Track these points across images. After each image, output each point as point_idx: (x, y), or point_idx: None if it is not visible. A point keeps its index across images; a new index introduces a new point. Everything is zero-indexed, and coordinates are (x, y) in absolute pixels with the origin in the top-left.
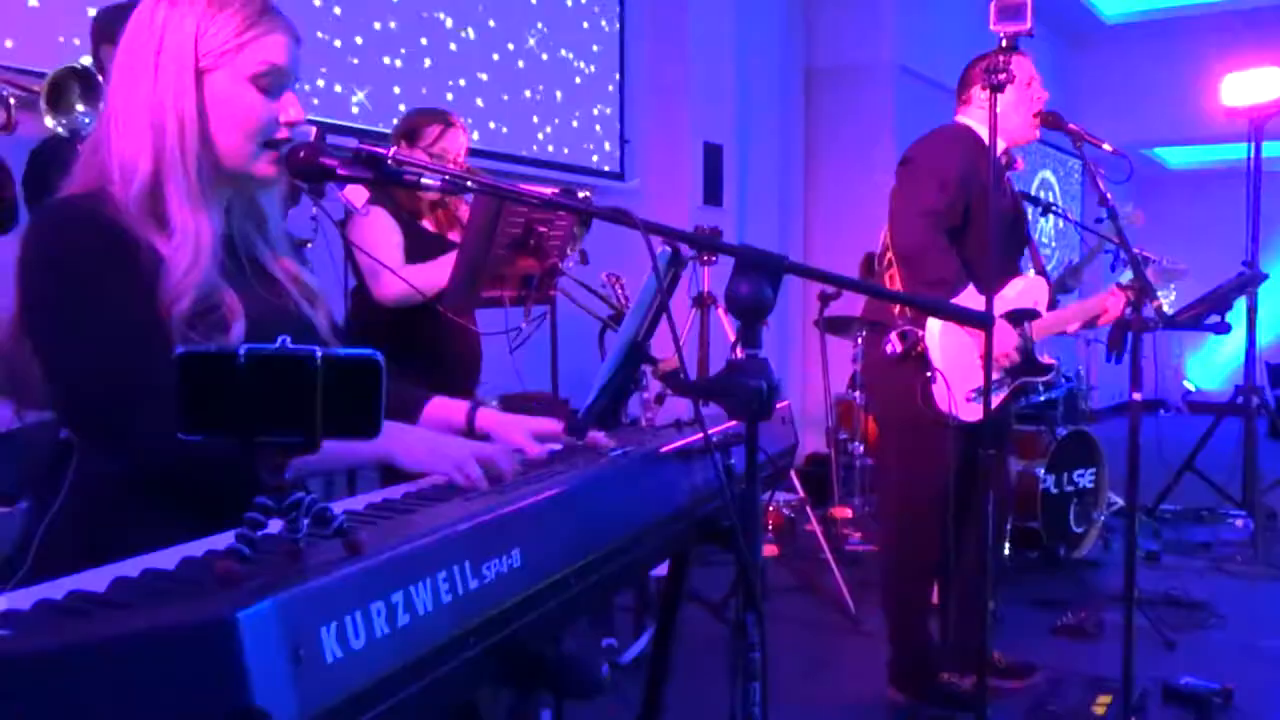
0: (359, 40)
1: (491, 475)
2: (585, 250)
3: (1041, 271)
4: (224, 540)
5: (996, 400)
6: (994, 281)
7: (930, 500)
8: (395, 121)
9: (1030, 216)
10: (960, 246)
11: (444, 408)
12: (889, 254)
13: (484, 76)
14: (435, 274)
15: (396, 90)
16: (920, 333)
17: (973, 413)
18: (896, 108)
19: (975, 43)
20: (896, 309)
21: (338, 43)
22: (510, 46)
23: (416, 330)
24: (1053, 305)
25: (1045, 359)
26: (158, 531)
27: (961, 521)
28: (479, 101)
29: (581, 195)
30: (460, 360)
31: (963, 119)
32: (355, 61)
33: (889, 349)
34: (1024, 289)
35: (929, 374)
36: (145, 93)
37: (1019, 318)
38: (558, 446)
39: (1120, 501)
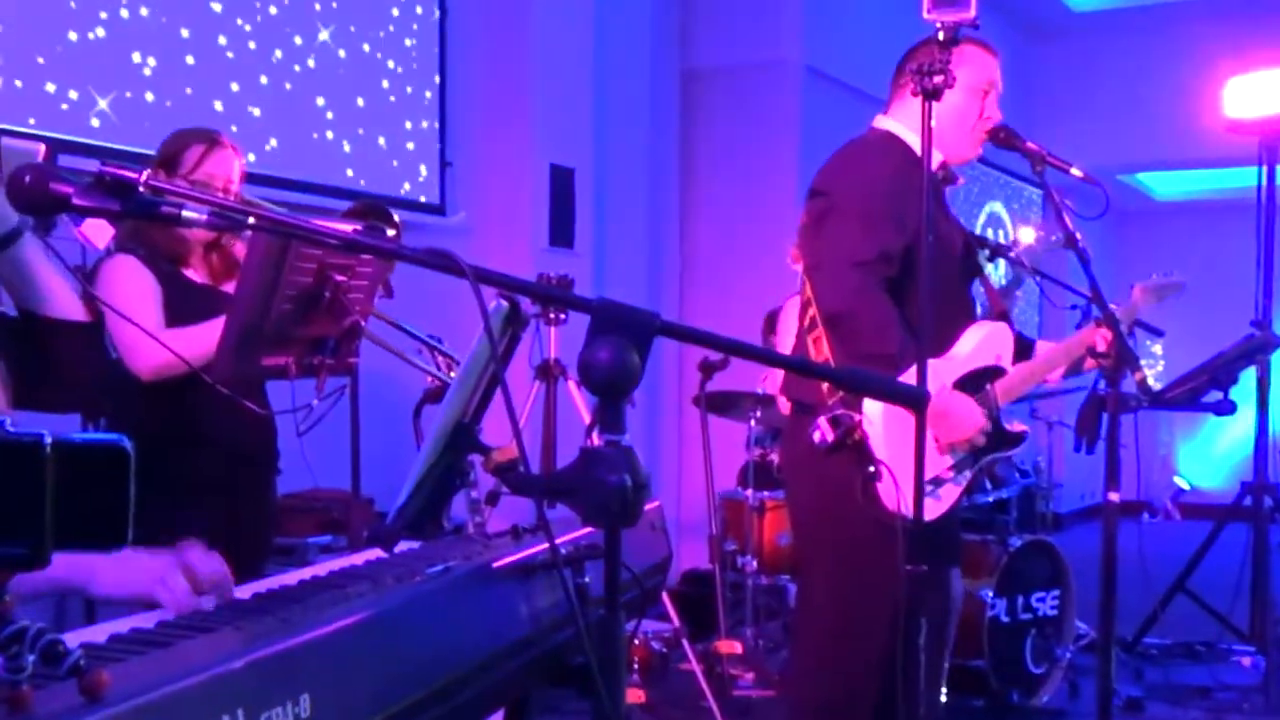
0: (99, 33)
1: (197, 587)
2: (390, 280)
3: (1003, 315)
4: None
5: (954, 494)
6: (934, 339)
7: (872, 633)
8: (150, 137)
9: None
10: (904, 301)
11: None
12: (812, 310)
13: (263, 80)
14: (208, 338)
15: (149, 97)
16: (857, 417)
17: (931, 509)
18: (804, 118)
19: (903, 39)
20: (826, 384)
21: (72, 35)
22: (298, 41)
23: (186, 409)
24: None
25: (1015, 426)
26: None
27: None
28: (255, 112)
29: (390, 234)
30: (244, 448)
31: (888, 124)
32: (95, 60)
33: (817, 437)
34: (982, 341)
35: (871, 469)
36: None
37: (981, 379)
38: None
39: (1092, 633)
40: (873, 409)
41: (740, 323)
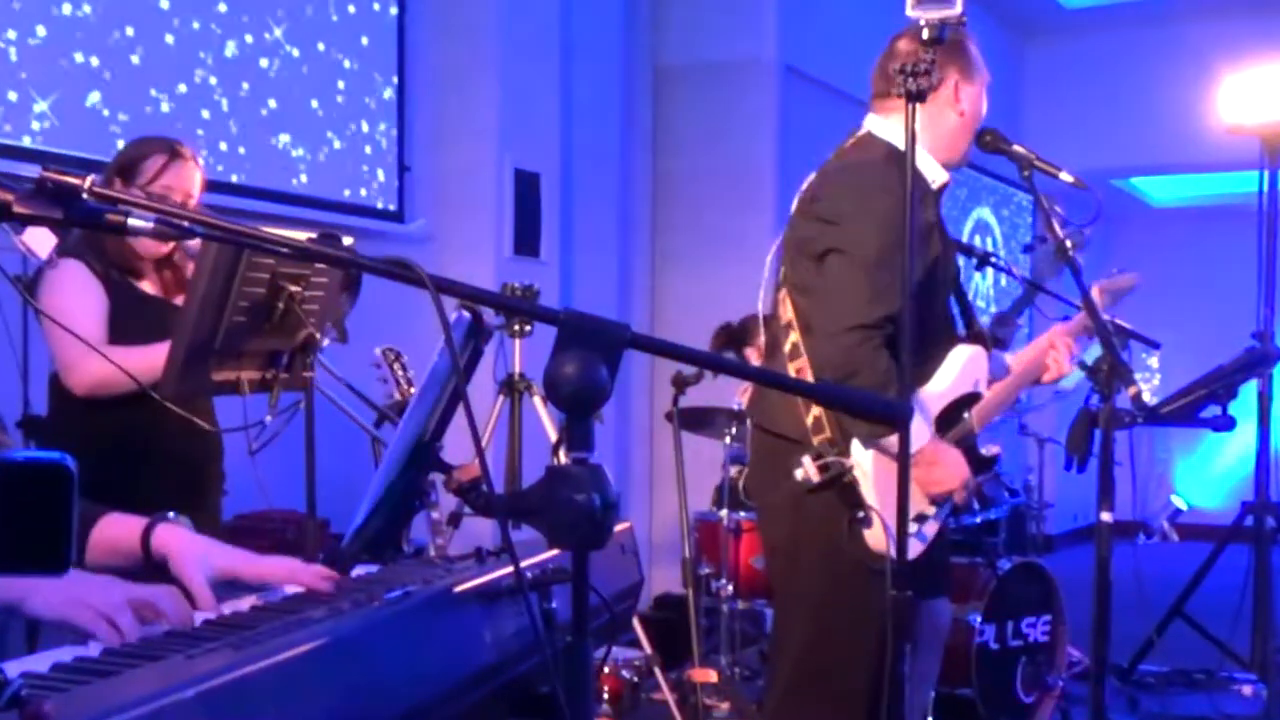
0: (40, 30)
1: (151, 623)
2: (344, 324)
3: (979, 336)
4: None
5: (934, 528)
6: (920, 360)
7: (853, 667)
8: (95, 141)
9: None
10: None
11: (116, 527)
12: (794, 337)
13: (213, 80)
14: (153, 360)
15: (94, 98)
16: (847, 462)
17: (914, 548)
18: (782, 119)
19: (886, 37)
20: (810, 419)
21: (11, 33)
22: (248, 39)
23: (128, 426)
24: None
25: (990, 449)
26: None
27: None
28: (205, 114)
29: (347, 243)
30: (190, 467)
31: (887, 131)
32: (36, 59)
33: (800, 475)
34: (964, 367)
35: (860, 514)
36: None
37: (960, 407)
38: (268, 595)
39: (1085, 660)
40: (862, 455)
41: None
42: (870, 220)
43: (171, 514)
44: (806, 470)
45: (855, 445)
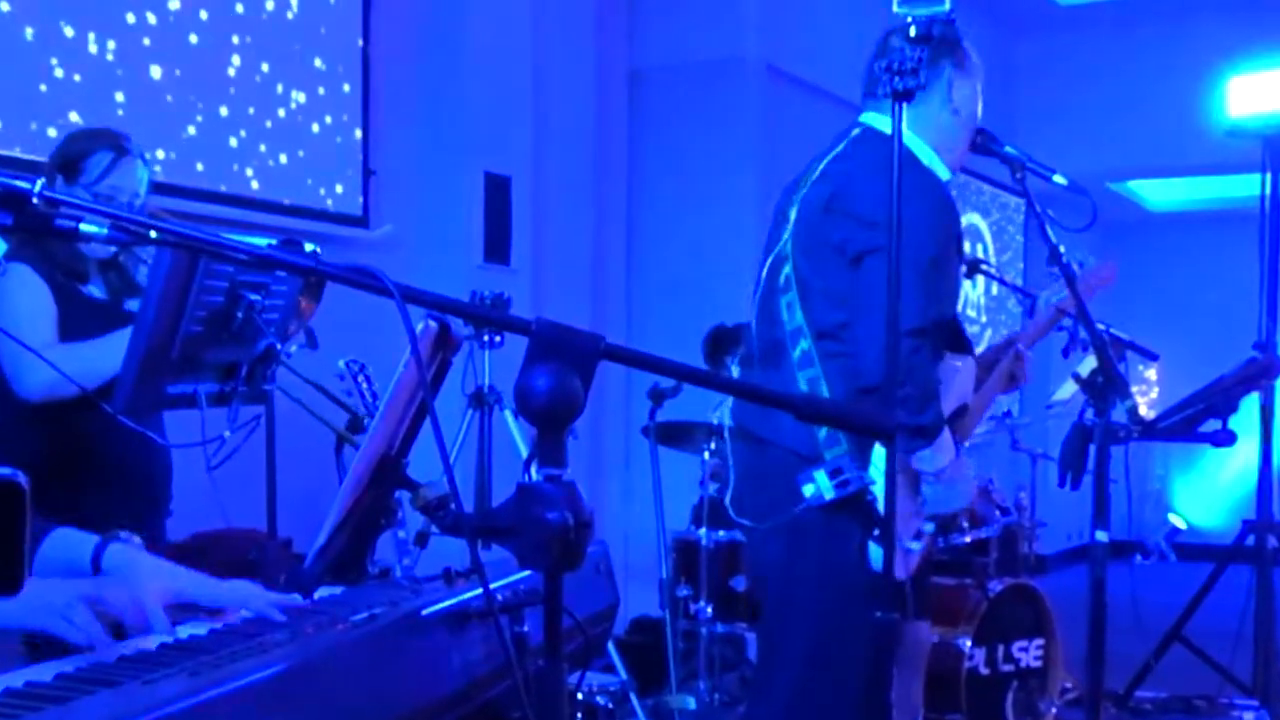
0: None
1: (110, 623)
2: (313, 329)
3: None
4: None
5: (923, 544)
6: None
7: (844, 690)
8: (51, 145)
9: None
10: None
11: (66, 543)
12: (803, 339)
13: (166, 78)
14: (102, 356)
15: (44, 98)
16: (868, 477)
17: (908, 564)
18: (765, 121)
19: (873, 34)
20: (823, 432)
21: None
22: (206, 37)
23: (75, 439)
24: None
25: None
26: None
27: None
28: (160, 115)
29: (309, 249)
30: (140, 482)
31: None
32: None
33: (810, 491)
34: (959, 380)
35: (877, 531)
36: None
37: (953, 422)
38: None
39: (1079, 686)
40: (879, 474)
41: (693, 346)
42: (919, 223)
43: (124, 533)
44: (819, 486)
45: (874, 462)
